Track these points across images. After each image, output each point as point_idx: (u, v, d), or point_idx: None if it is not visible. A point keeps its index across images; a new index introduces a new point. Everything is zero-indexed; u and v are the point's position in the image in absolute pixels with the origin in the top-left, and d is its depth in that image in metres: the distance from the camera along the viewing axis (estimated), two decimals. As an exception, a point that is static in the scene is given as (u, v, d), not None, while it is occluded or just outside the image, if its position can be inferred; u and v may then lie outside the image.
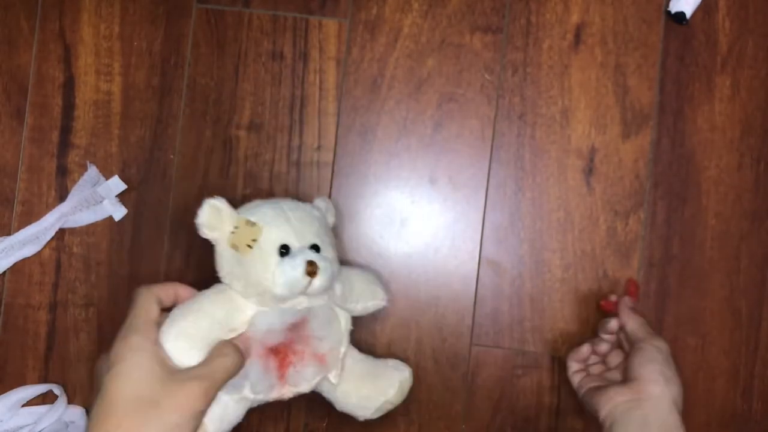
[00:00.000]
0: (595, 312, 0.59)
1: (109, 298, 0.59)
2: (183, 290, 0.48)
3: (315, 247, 0.48)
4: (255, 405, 0.49)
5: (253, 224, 0.47)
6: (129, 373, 0.42)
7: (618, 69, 0.59)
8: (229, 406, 0.48)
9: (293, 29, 0.60)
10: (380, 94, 0.59)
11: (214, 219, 0.47)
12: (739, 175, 0.59)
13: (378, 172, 0.60)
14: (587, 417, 0.59)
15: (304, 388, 0.49)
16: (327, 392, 0.52)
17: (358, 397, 0.52)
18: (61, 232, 0.59)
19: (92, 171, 0.58)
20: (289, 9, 0.60)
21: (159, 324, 0.45)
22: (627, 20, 0.60)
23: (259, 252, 0.46)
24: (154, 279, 0.59)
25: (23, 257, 0.58)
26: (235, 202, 0.59)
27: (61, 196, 0.59)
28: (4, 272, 0.59)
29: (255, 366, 0.47)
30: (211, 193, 0.59)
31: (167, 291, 0.48)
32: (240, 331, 0.47)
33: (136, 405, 0.40)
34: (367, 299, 0.54)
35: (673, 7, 0.59)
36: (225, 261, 0.48)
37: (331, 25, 0.60)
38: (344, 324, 0.51)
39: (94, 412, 0.41)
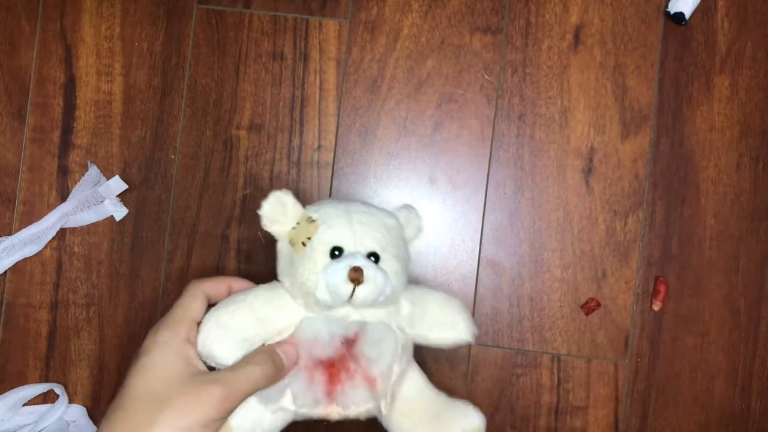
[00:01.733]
0: (594, 311, 0.59)
1: (110, 298, 0.59)
2: (237, 283, 0.46)
3: (374, 256, 0.43)
4: (299, 419, 0.45)
5: (313, 221, 0.44)
6: (148, 368, 0.40)
7: (617, 69, 0.60)
8: (264, 417, 0.43)
9: (293, 30, 0.60)
10: (380, 95, 0.60)
11: (277, 212, 0.45)
12: (738, 175, 0.60)
13: (378, 172, 0.60)
14: (587, 417, 0.59)
15: (352, 411, 0.44)
16: (384, 422, 0.46)
17: None
18: (62, 232, 0.59)
19: (93, 171, 0.59)
20: (289, 9, 0.60)
21: (198, 320, 0.43)
22: (626, 21, 0.60)
23: (311, 251, 0.43)
24: (155, 279, 0.59)
25: (24, 257, 0.59)
26: (235, 202, 0.60)
27: (62, 196, 0.59)
28: (6, 272, 0.59)
29: (299, 377, 0.43)
30: (212, 193, 0.59)
31: (219, 285, 0.45)
32: (285, 335, 0.44)
33: (147, 402, 0.39)
34: (444, 329, 0.47)
35: (672, 8, 0.59)
36: (281, 257, 0.45)
37: (331, 25, 0.60)
38: (402, 348, 0.45)
39: (112, 403, 0.40)
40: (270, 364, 0.42)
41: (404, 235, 0.47)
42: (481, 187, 0.60)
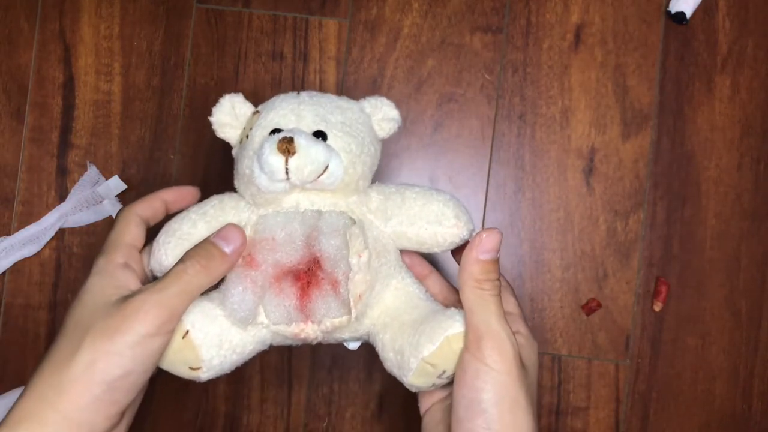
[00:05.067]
0: (595, 312, 0.59)
1: (109, 298, 0.59)
2: (169, 193, 0.43)
3: (320, 135, 0.39)
4: (277, 343, 0.41)
5: (257, 112, 0.42)
6: (80, 300, 0.38)
7: (618, 69, 0.59)
8: (232, 332, 0.39)
9: (293, 29, 0.60)
10: (380, 94, 0.59)
11: (227, 115, 0.43)
12: (739, 175, 0.59)
13: (378, 172, 0.59)
14: (588, 417, 0.59)
15: (327, 326, 0.39)
16: (369, 339, 0.41)
17: (395, 352, 0.39)
18: (61, 232, 0.59)
19: (92, 171, 0.58)
20: (289, 9, 0.60)
21: (137, 245, 0.41)
22: (627, 20, 0.60)
23: (251, 138, 0.40)
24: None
25: (23, 257, 0.58)
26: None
27: (61, 196, 0.59)
28: (4, 272, 0.59)
29: (266, 288, 0.39)
30: (211, 193, 0.59)
31: (151, 203, 0.43)
32: None
33: (74, 332, 0.37)
34: (428, 224, 0.40)
35: (673, 7, 0.59)
36: (235, 164, 0.42)
37: (331, 25, 0.60)
38: (372, 244, 0.39)
39: None
40: (202, 256, 0.38)
41: (372, 125, 0.44)
42: (481, 187, 0.59)
